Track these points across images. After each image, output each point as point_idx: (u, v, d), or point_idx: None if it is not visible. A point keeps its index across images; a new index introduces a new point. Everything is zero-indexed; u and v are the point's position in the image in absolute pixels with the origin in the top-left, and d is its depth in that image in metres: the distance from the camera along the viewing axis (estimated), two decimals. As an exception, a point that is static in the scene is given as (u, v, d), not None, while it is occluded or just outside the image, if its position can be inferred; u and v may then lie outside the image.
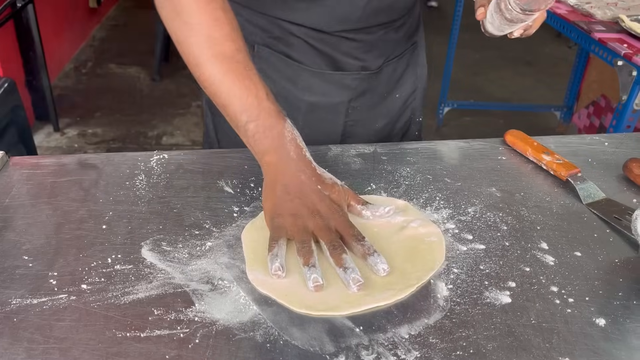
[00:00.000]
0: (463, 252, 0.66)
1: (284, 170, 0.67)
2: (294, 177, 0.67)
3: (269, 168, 0.68)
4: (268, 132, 0.67)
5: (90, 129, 2.67)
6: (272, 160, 0.68)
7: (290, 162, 0.67)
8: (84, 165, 0.81)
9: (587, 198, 0.75)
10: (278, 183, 0.67)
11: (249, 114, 0.67)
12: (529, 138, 0.85)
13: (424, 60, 1.07)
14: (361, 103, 0.96)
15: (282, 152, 0.67)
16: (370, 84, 0.95)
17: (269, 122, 0.68)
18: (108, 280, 0.60)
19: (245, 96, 0.67)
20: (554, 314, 0.58)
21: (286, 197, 0.66)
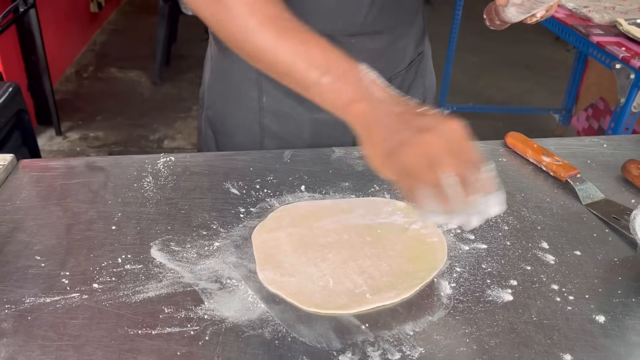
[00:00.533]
0: (465, 252, 0.68)
1: (374, 113, 0.58)
2: (388, 113, 0.57)
3: (359, 117, 0.59)
4: (345, 80, 0.59)
5: (92, 133, 2.69)
6: (359, 107, 0.58)
7: (379, 103, 0.58)
8: (92, 167, 0.82)
9: (586, 199, 0.77)
10: (374, 128, 0.57)
11: (319, 67, 0.60)
12: (529, 140, 0.87)
13: (431, 70, 1.04)
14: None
15: (368, 96, 0.58)
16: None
17: (343, 68, 0.60)
18: (119, 280, 0.62)
19: (307, 51, 0.60)
20: (555, 311, 0.59)
21: (389, 134, 0.56)
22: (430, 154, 0.53)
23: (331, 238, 0.69)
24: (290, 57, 0.61)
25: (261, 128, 0.92)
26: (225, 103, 0.93)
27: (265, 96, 0.90)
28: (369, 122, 0.58)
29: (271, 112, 0.89)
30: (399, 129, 0.56)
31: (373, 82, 0.59)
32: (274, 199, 0.76)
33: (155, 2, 3.13)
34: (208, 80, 0.96)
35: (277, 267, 0.64)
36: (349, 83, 0.59)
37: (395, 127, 0.56)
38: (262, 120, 0.86)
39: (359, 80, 0.59)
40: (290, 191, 0.78)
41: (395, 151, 0.55)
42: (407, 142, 0.54)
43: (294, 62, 0.61)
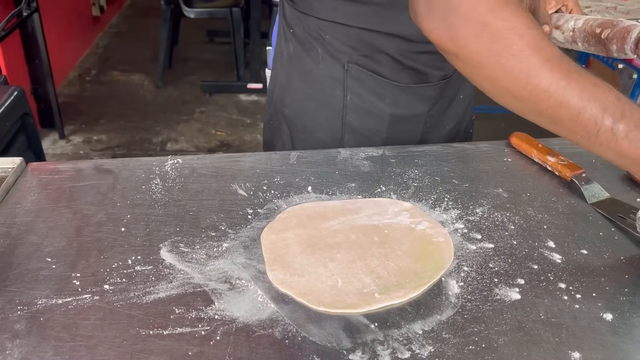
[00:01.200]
0: (472, 251, 0.68)
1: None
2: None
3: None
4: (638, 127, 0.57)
5: (95, 136, 2.70)
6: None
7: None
8: (100, 170, 0.83)
9: (591, 198, 0.77)
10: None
11: (614, 113, 0.57)
12: (534, 140, 0.87)
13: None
14: (436, 110, 0.98)
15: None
16: (444, 90, 0.96)
17: (638, 115, 0.57)
18: (129, 281, 0.62)
19: (602, 94, 0.57)
20: (563, 309, 0.60)
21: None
22: None
23: (339, 238, 0.70)
24: (582, 101, 0.57)
25: (343, 125, 0.95)
26: (307, 102, 0.96)
27: (350, 94, 0.93)
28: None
29: (354, 110, 0.93)
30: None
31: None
32: (281, 200, 0.77)
33: (157, 4, 3.15)
34: (286, 79, 0.98)
35: (286, 267, 0.64)
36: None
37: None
38: (345, 117, 0.91)
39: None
40: (297, 192, 0.79)
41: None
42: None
43: (585, 107, 0.57)
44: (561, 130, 0.61)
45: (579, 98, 0.57)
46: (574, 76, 0.57)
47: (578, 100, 0.57)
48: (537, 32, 0.59)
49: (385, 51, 0.89)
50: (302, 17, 0.92)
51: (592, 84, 0.57)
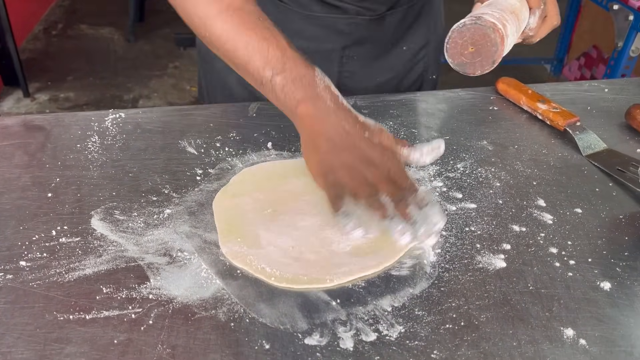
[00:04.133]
0: (452, 212, 0.60)
1: (323, 121, 0.59)
2: (337, 127, 0.58)
3: (306, 121, 0.60)
4: (298, 82, 0.59)
5: (63, 94, 2.55)
6: (307, 111, 0.59)
7: (329, 112, 0.59)
8: (30, 127, 0.72)
9: (586, 149, 0.69)
10: (320, 136, 0.59)
11: (274, 66, 0.60)
12: (523, 86, 0.78)
13: (440, 10, 0.96)
14: (358, 53, 0.86)
15: (317, 101, 0.59)
16: (369, 31, 0.85)
17: (298, 71, 0.60)
18: (51, 256, 0.53)
19: (266, 48, 0.60)
20: (554, 278, 0.52)
21: (334, 150, 0.58)
22: (372, 182, 0.56)
23: (302, 203, 0.61)
24: (247, 51, 0.60)
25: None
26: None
27: None
28: (315, 129, 0.59)
29: None
30: (344, 149, 0.57)
31: (327, 89, 0.60)
32: (236, 159, 0.67)
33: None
34: None
35: (242, 238, 0.56)
36: (300, 87, 0.59)
37: (341, 145, 0.57)
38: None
39: (313, 85, 0.59)
40: (256, 149, 0.69)
41: (337, 170, 0.57)
42: (351, 167, 0.57)
43: (250, 57, 0.60)
44: (241, 73, 0.63)
45: (245, 50, 0.60)
46: (244, 29, 0.61)
47: (244, 51, 0.60)
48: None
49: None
50: None
51: (261, 37, 0.60)
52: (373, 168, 0.57)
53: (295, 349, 0.45)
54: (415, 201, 0.56)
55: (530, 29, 0.66)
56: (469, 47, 0.59)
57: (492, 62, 0.59)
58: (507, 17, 0.60)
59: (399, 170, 0.58)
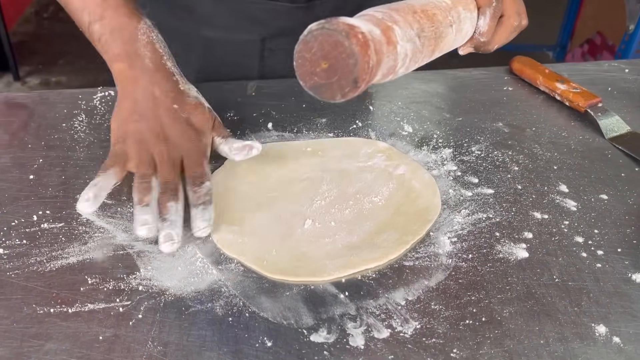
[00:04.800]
0: (468, 198, 0.55)
1: (135, 81, 0.56)
2: (145, 90, 0.55)
3: (119, 78, 0.57)
4: (117, 34, 0.56)
5: (54, 77, 2.48)
6: (122, 68, 0.56)
7: (144, 72, 0.55)
8: (12, 105, 0.67)
9: (609, 132, 0.64)
10: (127, 99, 0.56)
11: (92, 13, 0.56)
12: (540, 65, 0.73)
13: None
14: (282, 46, 0.76)
15: (134, 58, 0.56)
16: (294, 21, 0.73)
17: (118, 21, 0.56)
18: (31, 243, 0.48)
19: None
20: (581, 270, 0.48)
21: (133, 116, 0.55)
22: (154, 160, 0.52)
23: (301, 188, 0.56)
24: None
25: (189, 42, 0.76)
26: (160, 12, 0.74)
27: (150, 7, 0.73)
28: (126, 89, 0.56)
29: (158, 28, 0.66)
30: (143, 117, 0.54)
31: (150, 45, 0.56)
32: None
33: None
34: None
35: (236, 225, 0.51)
36: (118, 39, 0.56)
37: (141, 112, 0.54)
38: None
39: (134, 39, 0.56)
40: (255, 130, 0.64)
41: (127, 138, 0.53)
42: (140, 139, 0.53)
43: (80, 4, 0.57)
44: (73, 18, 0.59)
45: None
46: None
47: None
48: None
49: None
50: None
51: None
52: (163, 145, 0.53)
53: (300, 346, 0.41)
54: (195, 194, 0.51)
55: (481, 33, 0.55)
56: (320, 63, 0.41)
57: (354, 82, 0.40)
58: (400, 17, 0.45)
59: (195, 154, 0.53)
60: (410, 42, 0.45)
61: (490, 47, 0.58)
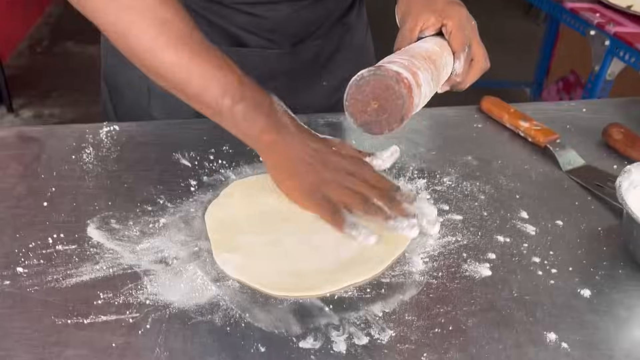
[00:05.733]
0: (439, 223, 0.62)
1: (290, 145, 0.61)
2: (304, 147, 0.61)
3: (271, 147, 0.61)
4: (259, 110, 0.60)
5: (47, 110, 2.54)
6: (272, 138, 0.60)
7: (294, 136, 0.61)
8: (24, 138, 0.73)
9: (566, 165, 0.72)
10: (291, 160, 0.60)
11: (233, 95, 0.59)
12: (506, 104, 0.81)
13: (365, 43, 0.95)
14: (272, 87, 0.79)
15: (280, 127, 0.61)
16: (281, 65, 0.84)
17: (257, 98, 0.60)
18: (48, 262, 0.54)
19: (223, 76, 0.59)
20: (537, 285, 0.54)
21: (309, 169, 0.60)
22: (358, 190, 0.58)
23: (292, 214, 0.62)
24: (203, 81, 0.58)
25: (149, 89, 0.82)
26: (116, 57, 0.79)
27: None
28: (285, 154, 0.60)
29: None
30: (320, 166, 0.59)
31: (286, 114, 0.61)
32: (229, 171, 0.69)
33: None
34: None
35: (236, 249, 0.57)
36: (262, 114, 0.60)
37: (315, 163, 0.59)
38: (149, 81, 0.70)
39: (273, 111, 0.60)
40: (248, 161, 0.71)
41: (321, 187, 0.59)
42: (333, 181, 0.59)
43: (207, 87, 0.58)
44: (196, 106, 0.61)
45: (200, 79, 0.58)
46: (197, 58, 0.58)
47: (200, 80, 0.58)
48: (167, 6, 0.58)
49: (188, 3, 0.75)
50: None
51: (216, 66, 0.59)
52: (352, 177, 0.59)
53: (290, 352, 0.47)
54: (404, 198, 0.58)
55: (456, 74, 0.64)
56: (371, 103, 0.50)
57: (400, 118, 0.50)
58: (419, 64, 0.54)
59: (375, 175, 0.60)
60: (428, 85, 0.53)
61: (463, 85, 0.67)
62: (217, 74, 0.58)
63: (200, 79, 0.58)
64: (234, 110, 0.59)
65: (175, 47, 0.58)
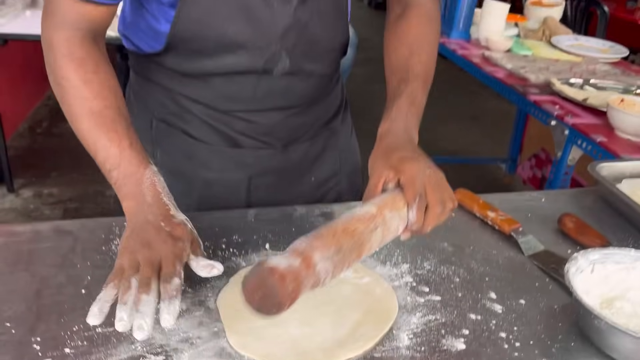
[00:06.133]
0: (421, 304, 0.73)
1: (137, 213, 0.71)
2: (142, 217, 0.70)
3: (127, 212, 0.73)
4: (128, 179, 0.73)
5: (46, 189, 2.64)
6: (130, 205, 0.73)
7: (144, 206, 0.71)
8: (60, 231, 0.84)
9: (528, 250, 0.84)
10: (130, 226, 0.70)
11: (112, 163, 0.73)
12: (475, 196, 0.94)
13: (350, 145, 1.07)
14: (264, 182, 0.97)
15: (139, 197, 0.72)
16: (273, 163, 0.96)
17: (130, 169, 0.73)
18: (90, 344, 0.63)
19: (109, 147, 0.73)
20: (503, 357, 0.65)
21: (130, 236, 0.69)
22: (138, 264, 0.65)
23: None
24: (95, 147, 0.75)
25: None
26: None
27: (160, 152, 0.94)
28: (130, 219, 0.71)
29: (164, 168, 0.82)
30: (136, 234, 0.69)
31: (152, 186, 0.73)
32: (240, 258, 0.80)
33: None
34: None
35: (246, 331, 0.67)
36: (129, 184, 0.73)
37: (136, 231, 0.69)
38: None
39: (140, 182, 0.73)
40: (256, 250, 0.82)
41: (122, 252, 0.67)
42: (132, 249, 0.67)
43: (97, 152, 0.75)
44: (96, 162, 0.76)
45: (93, 146, 0.75)
46: (98, 128, 0.74)
47: (93, 147, 0.75)
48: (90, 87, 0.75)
49: (194, 111, 0.92)
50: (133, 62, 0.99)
51: (109, 138, 0.74)
52: (146, 250, 0.66)
53: (299, 418, 0.56)
54: (164, 288, 0.62)
55: (412, 223, 0.68)
56: (256, 294, 0.58)
57: (278, 304, 0.57)
58: (319, 243, 0.60)
59: (170, 256, 0.65)
60: (329, 260, 0.60)
61: (424, 230, 0.70)
62: (106, 145, 0.74)
63: (93, 145, 0.75)
64: (110, 175, 0.74)
65: (85, 118, 0.75)
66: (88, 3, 0.76)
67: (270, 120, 0.94)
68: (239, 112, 0.92)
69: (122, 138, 0.74)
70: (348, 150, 1.07)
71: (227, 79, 0.88)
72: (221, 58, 0.85)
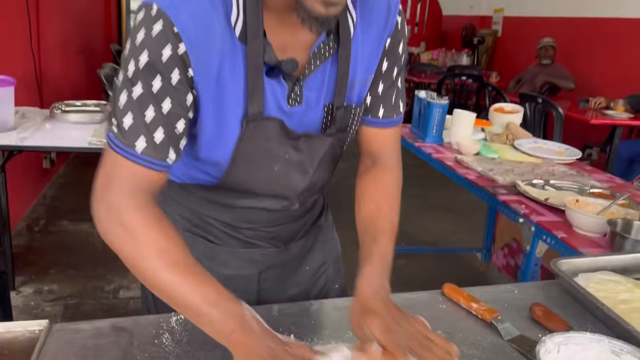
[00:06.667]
0: (424, 383, 0.89)
1: (254, 343, 0.77)
2: (264, 346, 0.78)
3: (239, 345, 0.78)
4: (230, 315, 0.79)
5: (46, 286, 2.73)
6: (240, 338, 0.78)
7: (258, 335, 0.79)
8: (117, 328, 0.99)
9: (506, 335, 1.02)
10: (252, 355, 0.76)
11: (210, 302, 0.79)
12: (461, 290, 1.13)
13: (332, 237, 1.29)
14: (271, 274, 1.16)
15: (247, 328, 0.78)
16: (278, 258, 1.16)
17: (229, 305, 0.80)
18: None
19: (204, 288, 0.80)
20: None
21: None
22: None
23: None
24: (189, 293, 0.80)
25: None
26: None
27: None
28: (248, 351, 0.77)
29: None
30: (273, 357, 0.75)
31: (253, 318, 0.80)
32: (271, 348, 0.95)
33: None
34: None
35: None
36: (232, 317, 0.79)
37: (267, 357, 0.75)
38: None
39: (242, 316, 0.79)
40: (283, 340, 0.98)
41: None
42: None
43: (192, 297, 0.80)
44: (179, 310, 0.84)
45: (189, 293, 0.80)
46: (189, 277, 0.81)
47: (187, 295, 0.80)
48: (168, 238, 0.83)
49: (213, 224, 1.11)
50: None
51: (201, 281, 0.81)
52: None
53: None
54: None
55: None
56: None
57: None
58: None
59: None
60: None
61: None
62: (199, 286, 0.80)
63: (187, 292, 0.80)
64: (210, 314, 0.79)
65: (171, 270, 0.81)
66: (148, 169, 0.86)
67: (276, 228, 1.17)
68: (252, 226, 1.14)
69: (213, 280, 0.82)
70: (331, 242, 1.29)
71: (249, 211, 1.11)
72: (248, 200, 1.08)
